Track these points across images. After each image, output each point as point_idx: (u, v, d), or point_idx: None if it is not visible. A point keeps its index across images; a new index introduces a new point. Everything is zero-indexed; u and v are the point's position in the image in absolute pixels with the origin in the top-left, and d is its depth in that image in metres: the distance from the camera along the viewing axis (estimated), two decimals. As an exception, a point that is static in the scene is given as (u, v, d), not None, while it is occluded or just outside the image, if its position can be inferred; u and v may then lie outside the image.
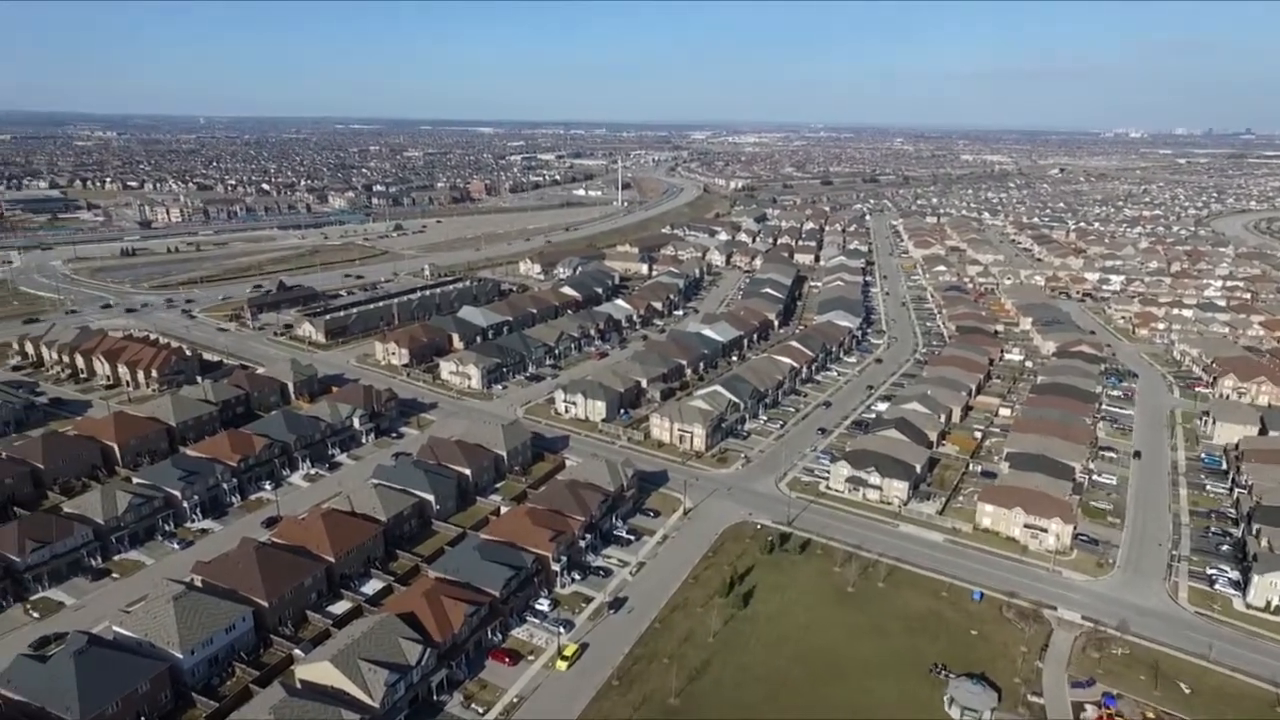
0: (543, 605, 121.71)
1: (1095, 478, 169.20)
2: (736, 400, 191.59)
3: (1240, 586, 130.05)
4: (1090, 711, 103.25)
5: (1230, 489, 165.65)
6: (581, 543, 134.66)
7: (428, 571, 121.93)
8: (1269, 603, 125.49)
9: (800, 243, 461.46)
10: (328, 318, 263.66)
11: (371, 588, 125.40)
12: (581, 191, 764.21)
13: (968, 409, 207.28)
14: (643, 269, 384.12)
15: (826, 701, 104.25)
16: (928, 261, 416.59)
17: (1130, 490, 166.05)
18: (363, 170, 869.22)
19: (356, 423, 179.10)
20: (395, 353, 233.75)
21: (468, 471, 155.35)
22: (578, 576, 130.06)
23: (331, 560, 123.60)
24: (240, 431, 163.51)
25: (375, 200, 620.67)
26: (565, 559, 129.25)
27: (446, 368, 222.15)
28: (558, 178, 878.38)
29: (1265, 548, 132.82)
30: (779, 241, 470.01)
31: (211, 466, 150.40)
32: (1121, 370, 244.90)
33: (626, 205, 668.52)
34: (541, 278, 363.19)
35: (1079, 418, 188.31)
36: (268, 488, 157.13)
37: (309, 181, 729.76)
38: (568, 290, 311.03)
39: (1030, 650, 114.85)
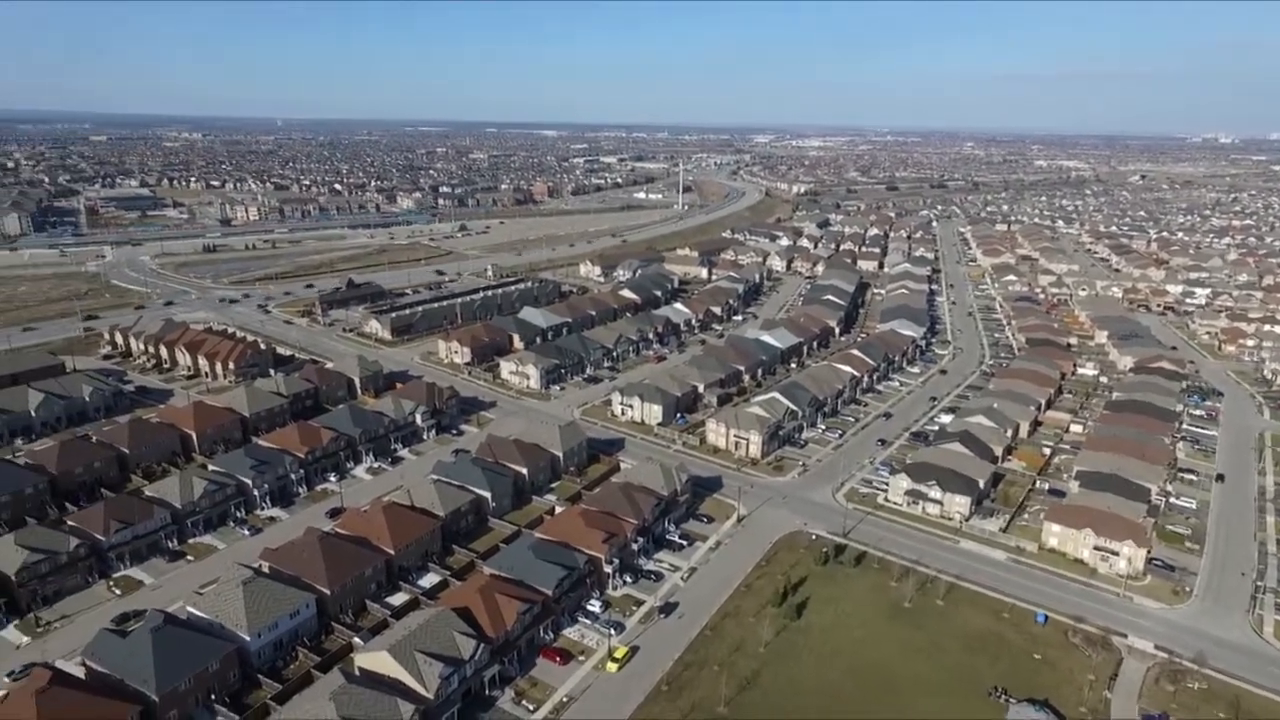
0: (594, 606, 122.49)
1: (1172, 501, 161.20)
2: (794, 408, 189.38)
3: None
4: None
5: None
6: (634, 545, 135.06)
7: (483, 568, 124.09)
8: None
9: (864, 249, 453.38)
10: (394, 315, 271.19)
11: (429, 581, 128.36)
12: (642, 194, 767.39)
13: (1036, 424, 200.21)
14: (702, 273, 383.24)
15: (879, 718, 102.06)
16: (997, 270, 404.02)
17: (1211, 515, 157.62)
18: (430, 172, 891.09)
19: (419, 419, 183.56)
20: (458, 351, 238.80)
21: (524, 470, 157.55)
22: (629, 579, 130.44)
23: (391, 552, 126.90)
24: (309, 424, 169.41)
25: (441, 201, 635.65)
26: (617, 561, 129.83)
27: (506, 367, 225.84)
28: (619, 180, 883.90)
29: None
30: (842, 247, 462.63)
31: (281, 457, 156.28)
32: (1205, 388, 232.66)
33: (687, 208, 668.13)
34: (601, 280, 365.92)
35: (1156, 437, 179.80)
36: (333, 479, 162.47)
37: (378, 182, 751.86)
38: (627, 293, 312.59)
39: (1098, 679, 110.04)
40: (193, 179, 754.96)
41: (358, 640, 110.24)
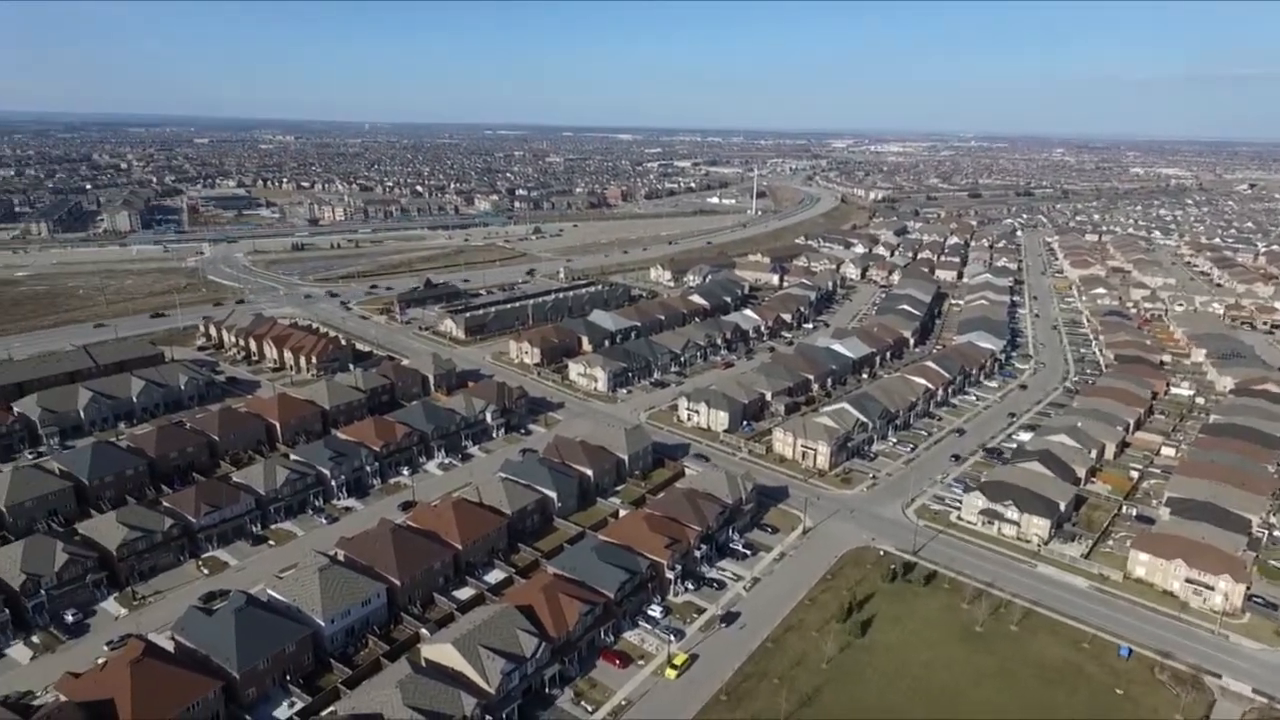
0: (655, 611, 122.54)
1: (1276, 534, 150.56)
2: (864, 419, 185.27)
3: None
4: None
5: None
6: (697, 553, 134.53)
7: (546, 567, 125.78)
8: None
9: (942, 258, 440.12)
10: (468, 315, 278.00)
11: (494, 577, 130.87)
12: (715, 199, 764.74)
13: (1124, 446, 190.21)
14: (773, 279, 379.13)
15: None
16: (1085, 283, 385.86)
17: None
18: (507, 174, 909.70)
19: (489, 417, 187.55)
20: (528, 352, 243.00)
21: (590, 472, 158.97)
22: (691, 586, 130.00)
23: (459, 547, 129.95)
24: (384, 419, 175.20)
25: (517, 204, 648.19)
26: (680, 567, 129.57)
27: (575, 369, 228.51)
28: (692, 185, 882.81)
29: None
30: (919, 256, 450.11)
31: (357, 449, 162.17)
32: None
33: (760, 214, 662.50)
34: (671, 284, 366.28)
35: (1259, 464, 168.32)
36: (405, 473, 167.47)
37: (457, 184, 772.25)
38: (696, 298, 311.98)
39: None
40: (285, 180, 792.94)
41: (424, 631, 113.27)
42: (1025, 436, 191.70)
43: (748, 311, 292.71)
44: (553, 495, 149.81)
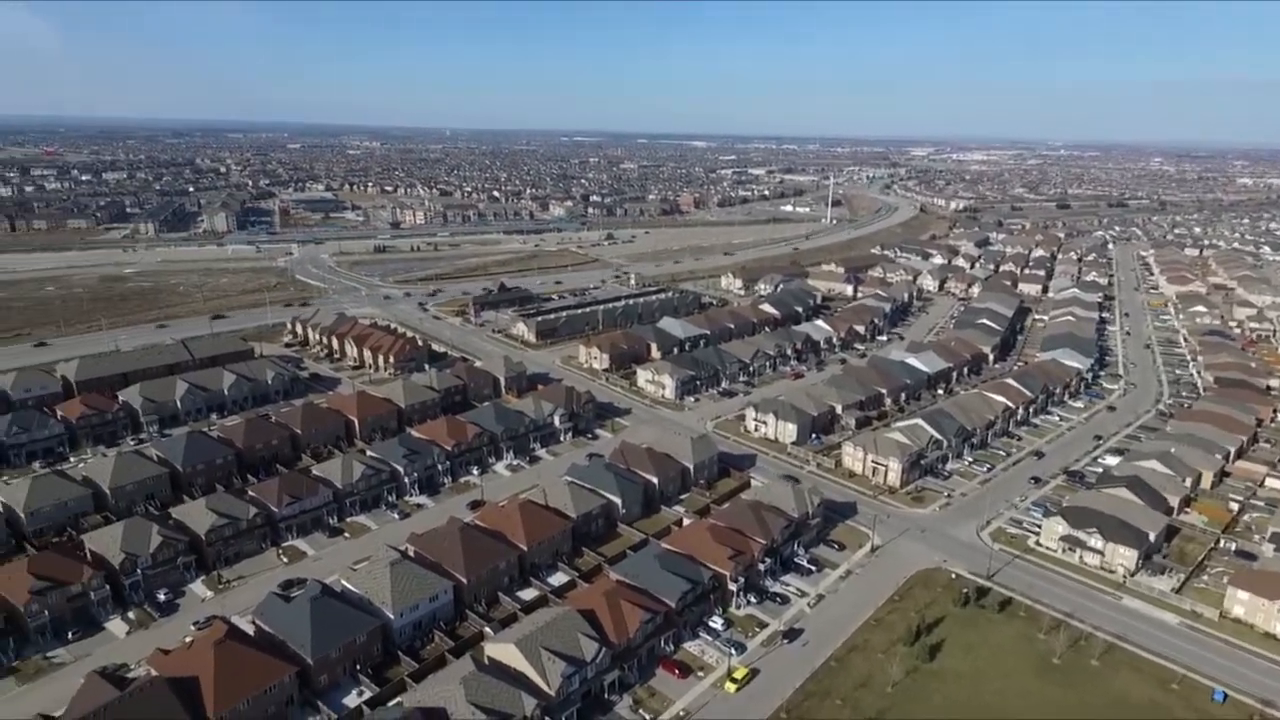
0: (716, 623, 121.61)
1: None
2: (939, 436, 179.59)
3: None
4: None
5: None
6: (761, 566, 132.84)
7: (609, 572, 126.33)
8: None
9: (1026, 271, 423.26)
10: (539, 319, 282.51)
11: (557, 579, 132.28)
12: (789, 207, 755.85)
13: (1223, 475, 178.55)
14: (847, 290, 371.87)
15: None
16: (1183, 300, 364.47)
17: None
18: (581, 181, 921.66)
19: (557, 421, 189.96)
20: (597, 357, 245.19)
21: (655, 479, 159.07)
22: (754, 599, 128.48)
23: (524, 549, 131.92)
24: (456, 419, 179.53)
25: (591, 210, 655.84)
26: (743, 580, 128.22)
27: (643, 375, 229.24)
28: (766, 193, 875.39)
29: None
30: (1001, 268, 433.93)
31: (430, 448, 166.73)
32: None
33: (835, 222, 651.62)
34: (742, 293, 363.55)
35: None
36: (475, 473, 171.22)
37: (533, 190, 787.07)
38: (767, 307, 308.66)
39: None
40: (369, 184, 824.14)
41: (489, 630, 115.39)
42: (1112, 461, 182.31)
43: (819, 322, 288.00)
44: (617, 501, 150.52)
